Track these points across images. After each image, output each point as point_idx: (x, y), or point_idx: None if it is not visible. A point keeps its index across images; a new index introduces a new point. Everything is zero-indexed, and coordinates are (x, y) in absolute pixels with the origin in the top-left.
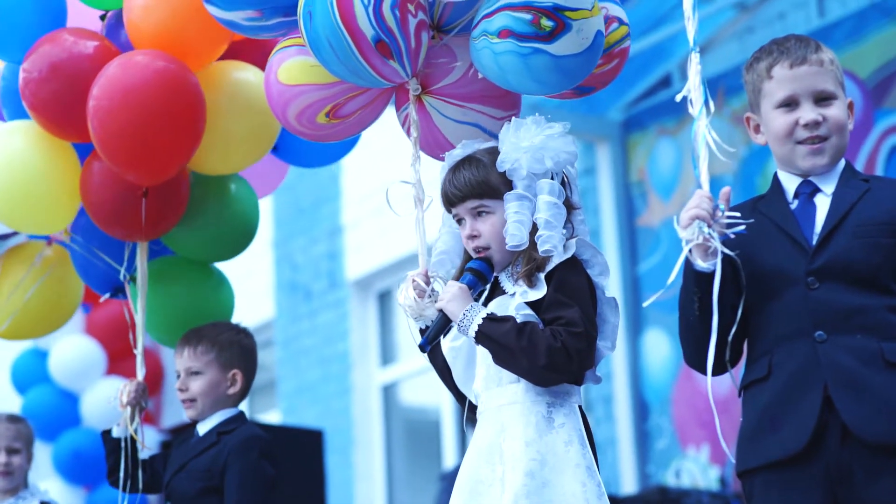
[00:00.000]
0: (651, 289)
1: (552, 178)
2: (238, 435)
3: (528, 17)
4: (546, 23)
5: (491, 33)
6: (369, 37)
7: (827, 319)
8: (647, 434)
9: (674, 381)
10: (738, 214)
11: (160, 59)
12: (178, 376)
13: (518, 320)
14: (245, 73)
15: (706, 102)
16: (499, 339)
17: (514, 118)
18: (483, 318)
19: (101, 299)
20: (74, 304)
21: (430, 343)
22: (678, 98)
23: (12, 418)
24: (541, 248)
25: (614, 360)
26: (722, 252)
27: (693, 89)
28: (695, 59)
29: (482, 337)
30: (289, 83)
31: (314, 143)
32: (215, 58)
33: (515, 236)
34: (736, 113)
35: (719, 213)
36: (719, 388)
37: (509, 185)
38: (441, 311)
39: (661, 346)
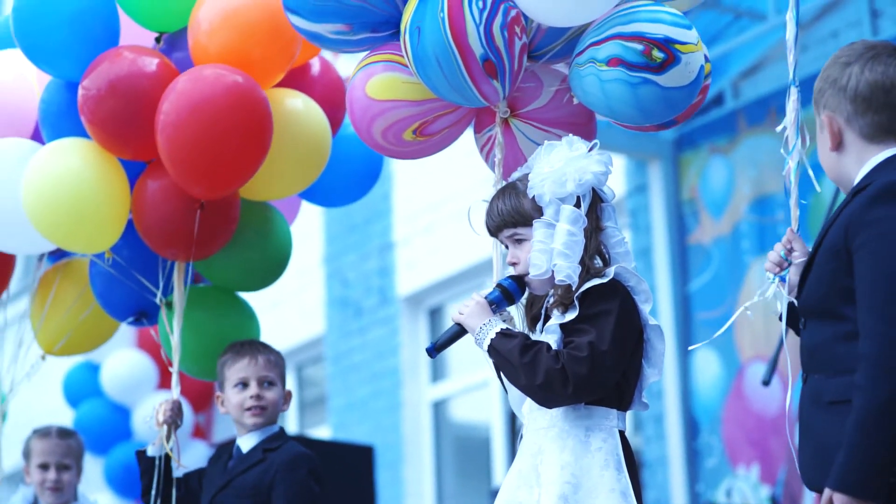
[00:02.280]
0: (702, 307)
1: (578, 202)
2: (285, 452)
3: (639, 47)
4: (657, 54)
5: (599, 60)
6: (478, 55)
7: (804, 361)
8: (697, 453)
9: (724, 399)
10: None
11: (229, 72)
12: (246, 383)
13: (546, 342)
14: (296, 101)
15: (799, 139)
16: (505, 353)
17: (546, 142)
18: (496, 333)
19: (124, 323)
20: (118, 322)
21: (438, 351)
22: (777, 129)
23: (63, 433)
24: (556, 277)
25: (665, 379)
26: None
27: (789, 125)
28: (794, 93)
29: (492, 351)
30: (378, 98)
31: (333, 182)
32: (275, 81)
33: (536, 266)
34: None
35: (785, 264)
36: (770, 408)
37: (541, 212)
38: (457, 322)
39: (710, 364)
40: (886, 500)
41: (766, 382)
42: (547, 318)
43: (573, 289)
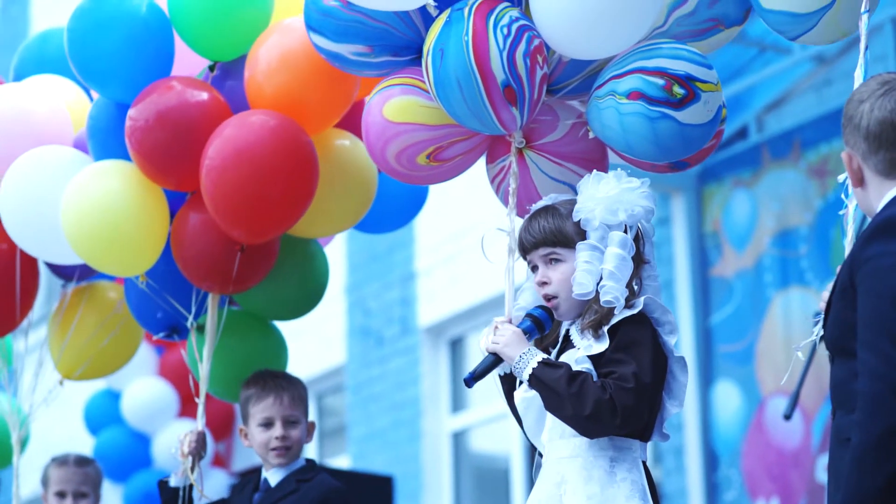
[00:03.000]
0: (723, 339)
1: (625, 231)
2: (317, 485)
3: (661, 82)
4: (678, 90)
5: (619, 93)
6: (499, 80)
7: (832, 398)
8: (716, 486)
9: (744, 432)
10: None
11: (276, 119)
12: (272, 422)
13: (588, 372)
14: (345, 142)
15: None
16: (550, 383)
17: (595, 171)
18: (538, 363)
19: (154, 338)
20: (136, 345)
21: (476, 380)
22: (839, 179)
23: (80, 461)
24: (602, 298)
25: (685, 411)
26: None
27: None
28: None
29: (534, 381)
30: (395, 120)
31: (382, 208)
32: (331, 125)
33: (583, 285)
34: (812, 166)
35: None
36: (791, 440)
37: (583, 236)
38: (493, 353)
39: (731, 397)
40: None
41: (788, 416)
42: (564, 345)
43: (612, 314)
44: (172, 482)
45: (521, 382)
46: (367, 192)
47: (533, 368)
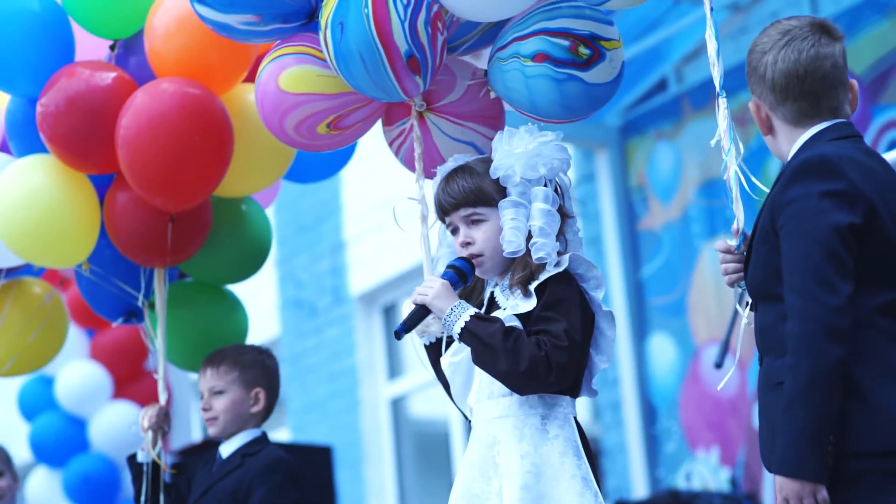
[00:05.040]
0: (655, 292)
1: (545, 186)
2: (263, 457)
3: (566, 43)
4: (583, 50)
5: (524, 56)
6: (402, 51)
7: (757, 343)
8: (656, 438)
9: (680, 384)
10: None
11: (186, 85)
12: (202, 396)
13: (521, 328)
14: None
15: (734, 145)
16: (484, 337)
17: (507, 127)
18: (471, 316)
19: (114, 325)
20: (63, 338)
21: (406, 332)
22: (712, 143)
23: None
24: (534, 255)
25: (621, 365)
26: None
27: (723, 134)
28: (722, 104)
29: (467, 335)
30: (292, 91)
31: (311, 158)
32: (238, 82)
33: (513, 242)
34: (733, 114)
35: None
36: (727, 389)
37: (502, 193)
38: (421, 304)
39: (666, 349)
40: (830, 477)
41: (719, 365)
42: (489, 308)
43: (541, 270)
44: (139, 457)
45: (447, 346)
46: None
47: (466, 322)
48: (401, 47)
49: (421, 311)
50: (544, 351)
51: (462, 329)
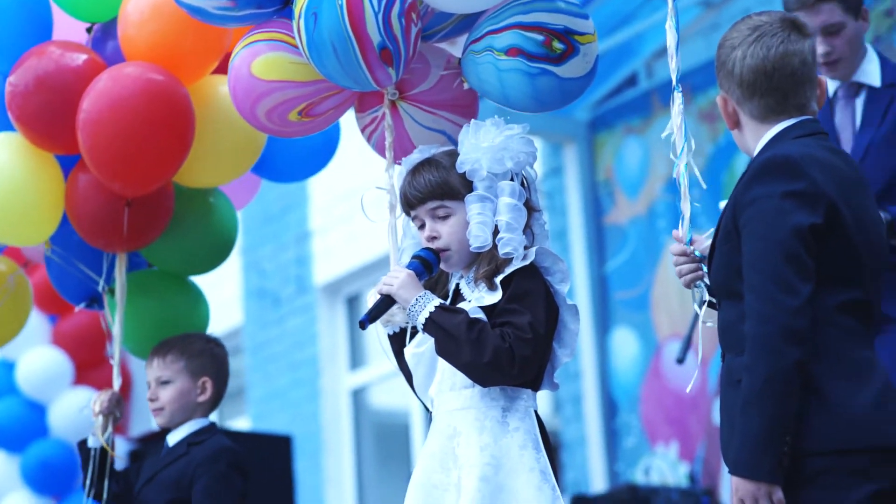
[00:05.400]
0: (619, 286)
1: (512, 179)
2: (208, 447)
3: (539, 38)
4: (557, 45)
5: (498, 49)
6: (375, 43)
7: (720, 340)
8: (615, 432)
9: (642, 378)
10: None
11: (150, 70)
12: (149, 386)
13: (485, 319)
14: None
15: (687, 142)
16: (449, 328)
17: (473, 120)
18: (435, 307)
19: (76, 309)
20: (26, 317)
21: (371, 321)
22: (663, 135)
23: None
24: (501, 250)
25: (583, 359)
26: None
27: (676, 129)
28: (678, 98)
29: (431, 325)
30: (264, 78)
31: (289, 158)
32: (208, 71)
33: (479, 237)
34: (702, 111)
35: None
36: (688, 384)
37: (469, 187)
38: (386, 294)
39: (628, 344)
40: (789, 476)
41: (681, 360)
42: (455, 300)
43: (507, 264)
44: (89, 442)
45: (411, 337)
46: (255, 138)
47: (430, 312)
48: (374, 39)
49: (386, 301)
50: (508, 343)
51: (426, 319)
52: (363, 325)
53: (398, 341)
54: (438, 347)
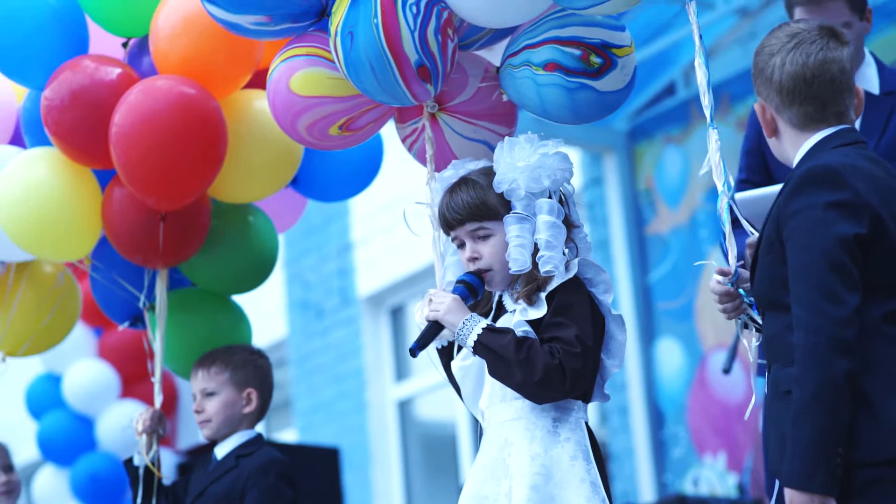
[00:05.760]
0: (662, 297)
1: (550, 197)
2: (256, 458)
3: (577, 52)
4: (595, 59)
5: (536, 64)
6: (412, 61)
7: (765, 352)
8: (663, 443)
9: (688, 389)
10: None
11: (181, 83)
12: (195, 398)
13: (534, 336)
14: (263, 102)
15: (727, 181)
16: (497, 349)
17: (507, 137)
18: (483, 329)
19: (119, 328)
20: (76, 319)
21: (420, 349)
22: (701, 172)
23: None
24: (542, 268)
25: (629, 370)
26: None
27: (714, 167)
28: (713, 135)
29: (480, 347)
30: (303, 94)
31: (333, 176)
32: (240, 85)
33: (518, 261)
34: (741, 119)
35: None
36: (734, 395)
37: (507, 205)
38: (433, 321)
39: (674, 354)
40: (840, 489)
41: (727, 371)
42: (498, 313)
43: (549, 281)
44: (136, 460)
45: (458, 350)
46: (291, 152)
47: (478, 335)
48: (410, 57)
49: (434, 328)
50: (558, 359)
51: (475, 342)
52: (413, 352)
53: (447, 354)
54: (490, 369)
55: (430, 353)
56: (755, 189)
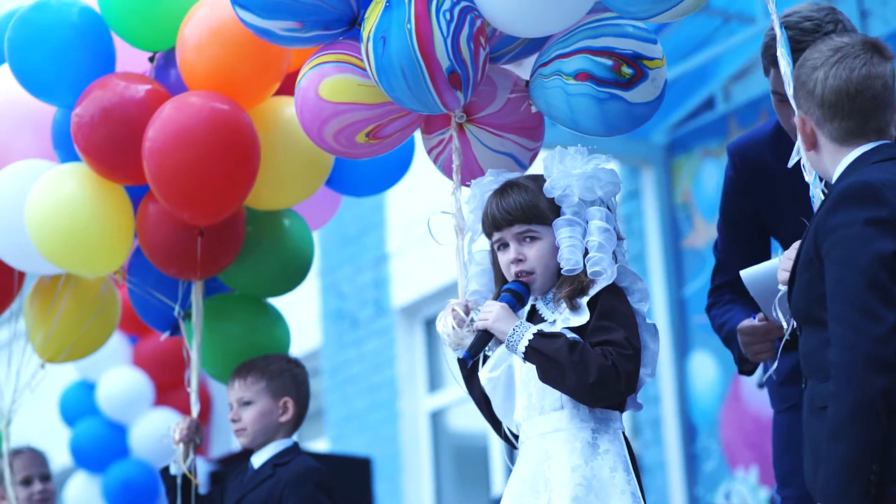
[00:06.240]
0: (697, 310)
1: (600, 206)
2: (293, 467)
3: (609, 62)
4: (626, 70)
5: (567, 74)
6: (444, 67)
7: (802, 367)
8: (695, 456)
9: (721, 402)
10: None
11: (213, 100)
12: (231, 407)
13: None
14: (294, 109)
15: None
16: (550, 354)
17: (558, 147)
18: (534, 334)
19: (162, 338)
20: (114, 325)
21: (472, 357)
22: (790, 165)
23: (32, 449)
24: (590, 269)
25: (662, 382)
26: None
27: (804, 154)
28: (799, 123)
29: (532, 353)
30: (332, 100)
31: (365, 172)
32: (269, 95)
33: (570, 260)
34: None
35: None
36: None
37: (556, 212)
38: (483, 330)
39: (707, 367)
40: None
41: (761, 385)
42: (531, 320)
43: (590, 286)
44: (172, 470)
45: (484, 361)
46: (323, 157)
47: (529, 340)
48: (443, 63)
49: (484, 336)
50: (611, 360)
51: (527, 348)
52: (464, 362)
53: (467, 366)
54: (541, 374)
55: (452, 364)
56: (760, 264)
